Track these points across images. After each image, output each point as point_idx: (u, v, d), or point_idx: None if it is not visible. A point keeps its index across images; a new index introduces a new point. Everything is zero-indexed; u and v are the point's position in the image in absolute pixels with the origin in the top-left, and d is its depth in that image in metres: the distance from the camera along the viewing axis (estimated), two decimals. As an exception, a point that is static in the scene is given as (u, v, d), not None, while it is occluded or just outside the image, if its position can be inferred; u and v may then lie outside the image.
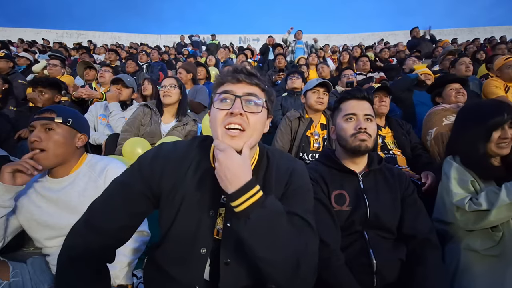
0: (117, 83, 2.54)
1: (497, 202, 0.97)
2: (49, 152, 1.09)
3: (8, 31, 12.48)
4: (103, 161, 1.23)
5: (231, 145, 0.73)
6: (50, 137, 1.09)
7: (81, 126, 1.21)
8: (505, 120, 1.09)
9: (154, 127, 2.13)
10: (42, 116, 1.11)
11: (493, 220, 1.00)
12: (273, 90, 0.89)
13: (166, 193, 0.82)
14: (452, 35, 11.00)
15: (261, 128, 0.82)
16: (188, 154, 0.86)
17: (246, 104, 0.78)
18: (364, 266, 1.05)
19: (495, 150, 1.13)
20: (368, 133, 1.14)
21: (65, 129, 1.13)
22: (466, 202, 1.05)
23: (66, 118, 1.13)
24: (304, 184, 0.88)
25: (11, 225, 1.13)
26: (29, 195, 1.15)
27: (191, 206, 0.81)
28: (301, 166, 0.92)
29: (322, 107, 2.20)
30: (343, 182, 1.18)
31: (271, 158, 0.90)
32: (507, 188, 0.98)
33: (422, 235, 1.10)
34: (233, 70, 0.82)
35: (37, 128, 1.10)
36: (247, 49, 7.06)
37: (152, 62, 5.88)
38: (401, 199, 1.17)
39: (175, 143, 0.89)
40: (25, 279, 1.10)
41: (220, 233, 0.83)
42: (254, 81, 0.80)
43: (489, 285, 1.03)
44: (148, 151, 0.88)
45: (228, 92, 0.79)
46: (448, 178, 1.16)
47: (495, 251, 1.04)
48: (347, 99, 1.23)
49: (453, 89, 2.20)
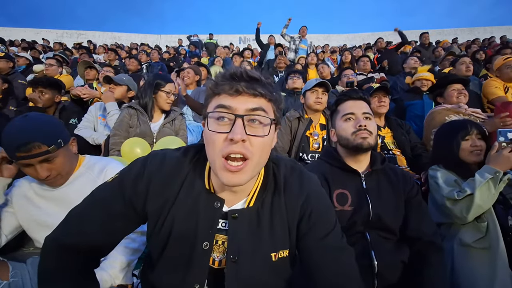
0: (109, 83, 2.53)
1: (475, 184, 1.19)
2: (62, 174, 1.10)
3: (8, 31, 12.48)
4: (101, 161, 1.23)
5: (233, 183, 0.63)
6: (55, 164, 1.07)
7: (65, 133, 1.13)
8: (469, 131, 1.39)
9: (144, 128, 2.08)
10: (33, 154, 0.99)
11: (479, 203, 1.17)
12: (280, 93, 0.74)
13: (152, 218, 0.72)
14: (452, 35, 11.01)
15: (269, 149, 0.68)
16: (179, 172, 0.72)
17: (250, 124, 0.63)
18: (364, 268, 1.04)
19: (470, 158, 1.38)
20: (368, 130, 1.14)
21: (60, 150, 1.07)
22: (455, 193, 1.24)
23: (56, 141, 1.04)
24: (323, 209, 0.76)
25: (8, 224, 1.13)
26: (29, 195, 1.15)
27: (182, 235, 0.70)
28: (314, 185, 0.78)
29: (321, 107, 2.20)
30: (345, 182, 1.17)
31: (278, 177, 0.76)
32: (478, 173, 1.23)
33: (426, 238, 1.09)
34: (230, 77, 0.65)
35: (36, 166, 1.02)
36: (247, 49, 7.04)
37: (152, 62, 5.88)
38: (405, 200, 1.16)
39: (163, 159, 0.74)
40: (25, 279, 1.10)
41: (216, 262, 0.72)
42: (258, 90, 0.64)
43: (483, 278, 1.12)
44: (132, 167, 0.74)
45: (225, 108, 0.63)
46: (436, 180, 1.37)
47: (485, 243, 1.18)
48: (343, 100, 1.23)
49: (455, 89, 2.22)
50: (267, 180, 0.76)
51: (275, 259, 0.72)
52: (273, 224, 0.73)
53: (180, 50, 8.82)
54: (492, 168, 1.21)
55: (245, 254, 0.70)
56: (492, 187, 1.18)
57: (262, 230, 0.72)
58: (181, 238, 0.70)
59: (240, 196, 0.74)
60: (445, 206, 1.27)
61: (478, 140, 1.39)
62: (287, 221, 0.73)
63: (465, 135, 1.39)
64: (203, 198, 0.71)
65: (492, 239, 1.16)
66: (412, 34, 13.09)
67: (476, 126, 1.42)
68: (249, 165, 0.63)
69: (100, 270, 1.02)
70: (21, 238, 1.24)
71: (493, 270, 1.11)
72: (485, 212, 1.21)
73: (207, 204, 0.71)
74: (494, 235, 1.16)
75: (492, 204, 1.21)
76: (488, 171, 1.21)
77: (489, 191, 1.18)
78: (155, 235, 0.72)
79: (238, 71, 0.65)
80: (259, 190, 0.74)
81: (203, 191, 0.72)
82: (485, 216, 1.21)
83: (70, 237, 0.70)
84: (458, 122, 1.52)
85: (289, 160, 0.84)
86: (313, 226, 0.73)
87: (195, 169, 0.74)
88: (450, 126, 1.52)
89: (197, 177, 0.73)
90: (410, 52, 6.25)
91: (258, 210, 0.73)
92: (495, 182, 1.18)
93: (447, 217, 1.30)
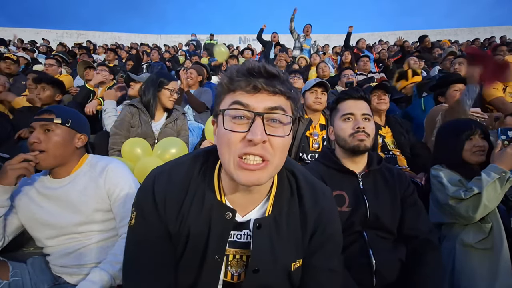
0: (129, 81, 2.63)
1: (482, 184, 1.18)
2: (48, 153, 1.09)
3: (8, 31, 12.47)
4: (103, 160, 1.23)
5: (251, 182, 0.58)
6: (50, 138, 1.09)
7: (81, 126, 1.20)
8: (473, 131, 1.36)
9: (146, 127, 2.05)
10: (41, 117, 1.10)
11: (486, 203, 1.16)
12: (297, 90, 0.69)
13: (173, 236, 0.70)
14: (452, 35, 11.02)
15: (287, 150, 0.64)
16: (189, 187, 0.69)
17: (269, 123, 0.59)
18: (363, 266, 1.05)
19: (472, 158, 1.36)
20: (366, 132, 1.14)
21: (64, 130, 1.13)
22: (462, 192, 1.23)
23: (65, 119, 1.13)
24: (337, 229, 0.76)
25: (11, 224, 1.13)
26: (31, 194, 1.15)
27: (194, 249, 0.68)
28: (328, 202, 0.76)
29: (321, 107, 2.20)
30: (342, 183, 1.17)
31: (292, 184, 0.73)
32: (485, 172, 1.22)
33: (422, 236, 1.10)
34: (248, 72, 0.59)
35: (36, 129, 1.09)
36: (247, 49, 7.02)
37: (152, 62, 5.88)
38: (401, 199, 1.17)
39: (169, 175, 0.70)
40: (25, 279, 1.10)
41: (235, 276, 0.70)
42: (278, 88, 0.59)
43: (485, 278, 1.12)
44: (140, 196, 0.71)
45: (243, 106, 0.58)
46: (440, 179, 1.35)
47: (487, 244, 1.16)
48: (344, 99, 1.22)
49: (458, 89, 2.23)
50: (283, 186, 0.72)
51: (293, 269, 0.70)
52: (290, 233, 0.70)
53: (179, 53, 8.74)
54: (499, 168, 1.19)
55: (267, 264, 0.67)
56: (498, 187, 1.17)
57: (282, 239, 0.69)
58: (194, 252, 0.68)
59: (253, 202, 0.71)
60: (449, 206, 1.26)
61: (481, 140, 1.37)
62: (301, 231, 0.71)
63: (469, 135, 1.37)
64: (215, 210, 0.68)
65: (496, 240, 1.15)
66: (413, 34, 13.12)
67: (479, 126, 1.40)
68: (269, 166, 0.59)
69: (100, 270, 1.02)
70: (21, 238, 1.24)
71: (494, 271, 1.11)
72: (490, 213, 1.20)
73: (218, 216, 0.68)
74: (498, 236, 1.15)
75: (497, 204, 1.20)
76: (494, 170, 1.19)
77: (495, 191, 1.17)
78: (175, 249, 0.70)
79: (256, 66, 0.59)
80: (275, 196, 0.71)
81: (215, 202, 0.69)
82: (489, 217, 1.20)
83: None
84: (462, 122, 1.50)
85: (302, 168, 0.80)
86: (324, 244, 0.72)
87: (204, 180, 0.70)
88: (453, 125, 1.49)
89: (207, 188, 0.69)
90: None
91: (276, 217, 0.70)
92: (502, 182, 1.17)
93: (450, 217, 1.30)
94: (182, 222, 0.67)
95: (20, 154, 1.06)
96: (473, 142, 1.37)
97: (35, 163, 1.07)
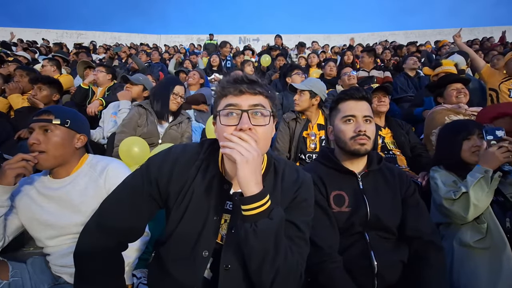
0: (126, 82, 2.61)
1: (468, 184, 1.22)
2: (48, 153, 1.09)
3: (8, 31, 12.46)
4: (103, 161, 1.23)
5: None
6: (49, 139, 1.09)
7: (80, 126, 1.20)
8: (471, 132, 1.39)
9: (152, 128, 2.13)
10: (40, 118, 1.10)
11: (475, 202, 1.19)
12: (274, 91, 0.89)
13: (173, 195, 0.84)
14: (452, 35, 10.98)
15: (270, 136, 0.83)
16: (198, 158, 0.87)
17: (253, 116, 0.78)
18: (364, 268, 1.04)
19: (471, 158, 1.38)
20: (367, 135, 1.12)
21: (63, 130, 1.13)
22: (452, 193, 1.27)
23: (64, 120, 1.13)
24: (309, 197, 0.90)
25: (11, 224, 1.13)
26: (31, 194, 1.15)
27: (197, 209, 0.83)
28: (309, 179, 0.92)
29: (298, 107, 2.22)
30: (342, 183, 1.16)
31: (278, 167, 0.91)
32: (470, 174, 1.26)
33: (425, 237, 1.09)
34: (234, 81, 0.80)
35: (35, 130, 1.10)
36: (247, 48, 7.02)
37: (153, 62, 5.88)
38: (402, 199, 1.16)
39: (185, 146, 0.91)
40: (25, 279, 1.10)
41: (224, 238, 0.84)
42: (257, 90, 0.79)
43: (486, 277, 1.12)
44: (158, 154, 0.89)
45: (233, 106, 0.78)
46: (435, 181, 1.39)
47: (486, 243, 1.18)
48: (345, 99, 1.19)
49: (455, 89, 2.22)
50: (269, 168, 0.90)
51: None
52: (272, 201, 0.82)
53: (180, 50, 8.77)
54: (482, 167, 1.22)
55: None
56: (484, 186, 1.19)
57: None
58: (196, 212, 0.83)
59: None
60: (444, 206, 1.28)
61: (479, 140, 1.38)
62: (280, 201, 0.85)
63: (467, 135, 1.40)
64: (216, 180, 0.85)
65: (496, 240, 1.15)
66: (413, 34, 13.12)
67: (478, 127, 1.41)
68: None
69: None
70: (21, 238, 1.25)
71: (497, 270, 1.10)
72: (484, 213, 1.22)
73: (218, 185, 0.85)
74: (498, 236, 1.15)
75: (489, 203, 1.22)
76: (478, 171, 1.23)
77: (483, 190, 1.19)
78: (174, 210, 0.84)
79: (239, 76, 0.80)
80: (262, 176, 0.82)
81: (217, 174, 0.86)
82: (484, 217, 1.21)
83: (105, 219, 0.83)
84: (460, 123, 1.53)
85: (289, 161, 0.96)
86: (297, 207, 0.86)
87: (210, 156, 0.89)
88: (452, 126, 1.52)
89: (212, 162, 0.88)
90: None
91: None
92: (487, 180, 1.20)
93: (446, 217, 1.31)
94: (187, 182, 0.84)
95: (18, 154, 1.06)
96: (471, 142, 1.39)
97: (34, 162, 1.07)
